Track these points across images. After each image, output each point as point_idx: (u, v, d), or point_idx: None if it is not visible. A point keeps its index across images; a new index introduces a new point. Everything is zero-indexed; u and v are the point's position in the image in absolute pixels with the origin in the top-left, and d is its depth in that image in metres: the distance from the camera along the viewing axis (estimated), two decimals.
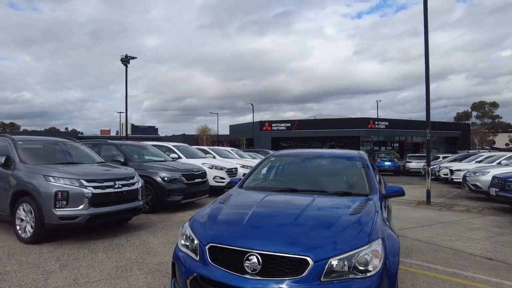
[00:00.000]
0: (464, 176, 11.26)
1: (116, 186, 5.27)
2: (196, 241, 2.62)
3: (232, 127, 57.00)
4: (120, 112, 54.67)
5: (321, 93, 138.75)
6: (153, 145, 9.80)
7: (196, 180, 7.97)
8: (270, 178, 4.17)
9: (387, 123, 46.41)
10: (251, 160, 14.68)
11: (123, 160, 7.58)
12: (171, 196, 7.34)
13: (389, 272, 2.34)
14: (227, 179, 10.39)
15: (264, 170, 4.33)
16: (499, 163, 13.24)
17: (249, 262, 2.29)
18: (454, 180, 14.26)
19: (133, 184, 5.66)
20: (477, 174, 10.55)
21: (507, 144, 66.09)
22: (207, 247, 2.49)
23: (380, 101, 42.78)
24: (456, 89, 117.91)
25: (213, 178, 9.90)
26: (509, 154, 14.89)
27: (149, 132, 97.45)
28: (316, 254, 2.24)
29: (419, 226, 6.44)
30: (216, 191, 10.15)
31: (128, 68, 19.43)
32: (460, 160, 17.78)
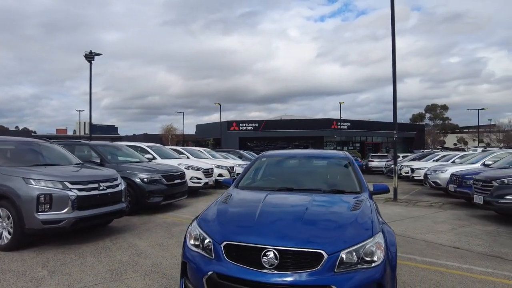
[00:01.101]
0: (426, 174, 12.16)
1: (101, 188, 5.13)
2: (208, 240, 2.69)
3: (198, 127, 56.32)
4: (79, 111, 51.94)
5: (286, 94, 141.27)
6: (127, 146, 9.53)
7: (175, 181, 7.90)
8: (264, 178, 4.30)
9: (349, 124, 48.38)
10: (225, 160, 14.72)
11: (99, 161, 7.33)
12: (151, 198, 7.22)
13: (390, 261, 2.58)
14: (204, 180, 10.40)
15: (257, 170, 4.46)
16: (453, 161, 14.42)
17: (266, 257, 2.41)
18: (415, 178, 15.29)
19: (117, 185, 5.53)
20: (437, 172, 11.45)
21: (455, 144, 71.65)
22: (222, 245, 2.58)
23: (343, 102, 44.48)
24: (411, 92, 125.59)
25: (190, 179, 9.84)
26: (461, 153, 16.27)
27: (109, 132, 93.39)
28: (329, 248, 2.42)
29: (392, 221, 6.92)
30: (193, 192, 10.12)
31: (88, 65, 18.53)
32: (419, 159, 19.05)
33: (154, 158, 9.89)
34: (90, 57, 18.54)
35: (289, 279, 2.33)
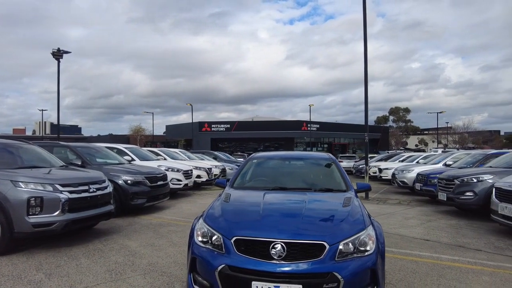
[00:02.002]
0: (394, 174, 12.99)
1: (91, 190, 5.13)
2: (217, 236, 2.90)
3: (168, 127, 55.40)
4: (42, 110, 49.25)
5: (256, 95, 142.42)
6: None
7: (158, 183, 7.93)
8: (257, 178, 4.55)
9: (318, 126, 49.81)
10: (203, 162, 14.79)
11: (80, 163, 7.22)
12: (134, 200, 7.22)
13: (380, 251, 2.93)
14: (184, 181, 10.45)
15: (249, 171, 4.70)
16: (417, 162, 15.48)
17: (275, 250, 2.67)
18: (383, 177, 16.22)
19: (106, 187, 5.54)
20: (404, 172, 12.28)
21: (416, 145, 75.90)
22: (232, 240, 2.80)
23: (313, 105, 45.76)
24: (376, 95, 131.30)
25: (170, 181, 9.84)
26: (424, 154, 17.46)
27: (72, 132, 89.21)
28: (330, 239, 2.73)
29: None
30: (172, 194, 10.14)
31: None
32: (385, 159, 20.17)
33: (132, 159, 9.81)
34: (58, 54, 17.80)
35: (296, 267, 2.60)
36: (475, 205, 7.16)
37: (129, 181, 7.19)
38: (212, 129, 46.84)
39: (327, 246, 2.68)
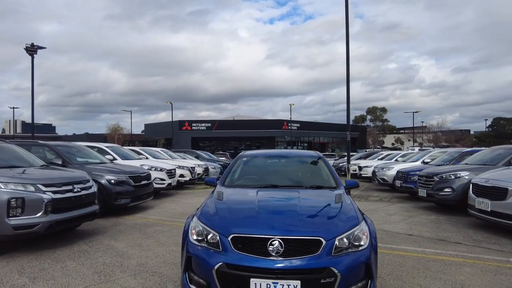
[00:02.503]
0: (374, 172, 13.32)
1: (75, 190, 4.97)
2: (212, 234, 2.88)
3: (147, 126, 54.40)
4: (13, 108, 47.08)
5: (236, 94, 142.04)
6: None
7: (142, 182, 7.78)
8: (248, 176, 4.55)
9: (298, 125, 50.41)
10: (186, 161, 14.63)
11: (61, 163, 6.97)
12: (118, 200, 7.05)
13: (373, 245, 3.01)
14: (167, 181, 10.31)
15: (239, 169, 4.69)
16: (396, 160, 15.94)
17: (272, 246, 2.68)
18: (363, 175, 16.60)
19: (90, 187, 5.39)
20: (384, 169, 12.63)
21: (393, 144, 78.13)
22: (229, 238, 2.79)
23: (293, 104, 46.23)
24: (353, 94, 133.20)
25: (153, 180, 9.68)
26: (402, 152, 18.02)
27: (45, 131, 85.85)
28: (326, 235, 2.77)
29: None
30: (155, 193, 9.96)
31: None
32: (365, 157, 20.65)
33: (114, 159, 9.57)
34: (32, 50, 17.05)
35: (294, 263, 2.63)
36: (453, 200, 7.47)
37: (112, 181, 7.01)
38: (193, 128, 46.41)
39: (324, 242, 2.73)
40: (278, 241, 2.70)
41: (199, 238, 2.96)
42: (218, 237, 2.85)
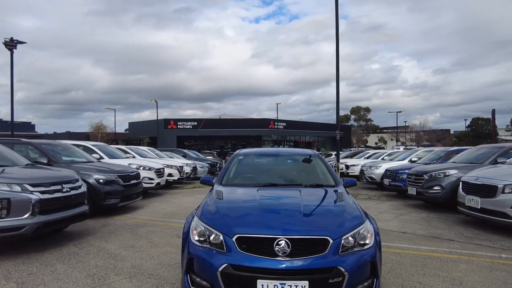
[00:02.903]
0: (362, 170, 13.47)
1: (64, 190, 4.76)
2: (215, 235, 2.79)
3: (131, 125, 53.39)
4: None
5: (221, 92, 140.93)
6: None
7: (132, 182, 7.57)
8: (245, 175, 4.46)
9: (284, 124, 50.58)
10: (174, 160, 14.41)
11: (46, 162, 6.69)
12: (107, 199, 6.83)
13: (378, 244, 2.99)
14: (156, 180, 10.10)
15: (237, 168, 4.61)
16: (383, 158, 16.17)
17: (279, 246, 2.62)
18: (350, 174, 16.76)
19: (80, 187, 5.18)
20: (372, 168, 12.78)
21: (376, 143, 79.54)
22: (234, 238, 2.71)
23: (280, 103, 46.34)
24: None
25: (142, 179, 9.46)
26: (389, 151, 18.32)
27: (24, 129, 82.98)
28: (333, 234, 2.73)
29: None
30: (144, 193, 9.74)
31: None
32: (351, 156, 20.90)
33: (101, 158, 9.29)
34: (11, 45, 16.36)
35: (302, 263, 2.57)
36: (442, 198, 7.61)
37: (101, 180, 6.78)
38: (179, 126, 45.87)
39: (331, 241, 2.68)
40: (285, 241, 2.64)
41: (201, 238, 2.87)
42: (221, 238, 2.76)
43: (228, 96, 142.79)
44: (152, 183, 9.82)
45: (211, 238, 2.81)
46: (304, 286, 2.51)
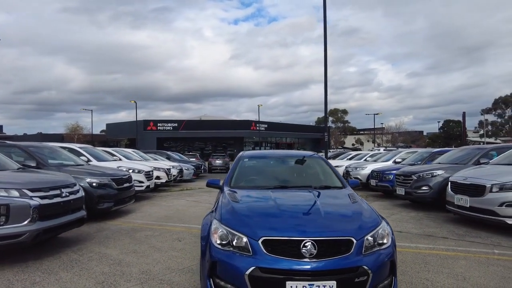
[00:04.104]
0: (347, 171, 13.76)
1: (63, 194, 4.59)
2: (240, 238, 2.79)
3: (109, 126, 51.86)
4: None
5: (200, 93, 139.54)
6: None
7: (124, 185, 7.39)
8: (253, 178, 4.47)
9: (266, 126, 50.80)
10: (160, 162, 14.17)
11: (35, 165, 6.41)
12: (100, 204, 6.63)
13: (394, 243, 3.10)
14: (146, 183, 9.90)
15: (243, 171, 4.60)
16: (365, 159, 16.59)
17: (306, 248, 2.66)
18: None
19: (78, 191, 5.02)
20: (357, 169, 13.08)
21: (353, 144, 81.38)
22: (260, 241, 2.72)
23: (261, 105, 46.41)
24: (315, 96, 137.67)
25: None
26: (371, 152, 18.81)
27: None
28: (356, 234, 2.80)
29: None
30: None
31: None
32: (334, 157, 21.27)
33: (89, 160, 9.00)
34: None
35: (329, 264, 2.62)
36: (430, 198, 7.92)
37: (94, 184, 6.58)
38: (158, 128, 45.03)
39: (355, 241, 2.75)
40: (311, 242, 2.68)
41: (223, 242, 2.86)
42: (246, 240, 2.77)
43: (207, 97, 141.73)
44: (142, 186, 9.61)
45: (235, 241, 2.80)
46: (332, 286, 2.57)
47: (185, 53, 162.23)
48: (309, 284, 2.56)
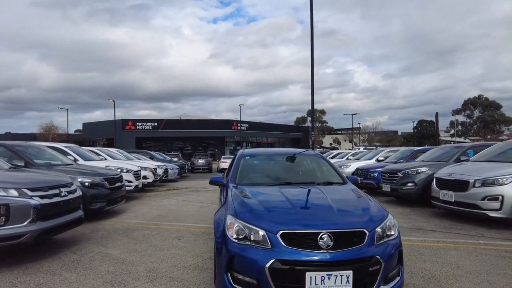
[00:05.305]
0: None
1: (63, 194, 4.50)
2: (258, 232, 2.87)
3: (86, 125, 50.24)
4: None
5: (178, 92, 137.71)
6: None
7: (116, 185, 7.27)
8: (257, 175, 4.55)
9: (247, 125, 50.90)
10: (147, 162, 13.96)
11: (23, 164, 6.20)
12: (93, 203, 6.50)
13: (399, 234, 3.28)
14: (135, 183, 9.76)
15: (246, 168, 4.67)
16: (347, 158, 17.04)
17: (322, 240, 2.78)
18: None
19: (75, 191, 4.92)
20: (342, 167, 13.42)
21: (331, 144, 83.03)
22: (278, 234, 2.82)
23: (243, 105, 46.40)
24: (293, 97, 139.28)
25: None
26: (353, 151, 19.33)
27: None
28: (368, 226, 2.95)
29: None
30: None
31: None
32: None
33: (75, 160, 8.76)
34: None
35: (346, 254, 2.76)
36: (415, 194, 8.29)
37: (86, 183, 6.44)
38: (137, 127, 44.12)
39: (367, 233, 2.90)
40: (327, 234, 2.81)
41: (240, 236, 2.93)
42: (264, 234, 2.85)
43: (185, 96, 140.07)
44: (131, 186, 9.46)
45: (252, 235, 2.88)
46: (349, 275, 2.70)
47: (163, 51, 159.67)
48: (327, 274, 2.68)
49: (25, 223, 3.92)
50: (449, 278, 3.71)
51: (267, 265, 2.70)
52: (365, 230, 2.90)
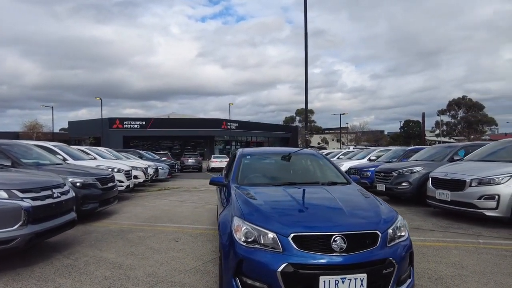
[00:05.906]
0: None
1: (55, 195, 4.28)
2: (267, 235, 2.76)
3: (72, 124, 49.06)
4: None
5: (166, 91, 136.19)
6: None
7: (109, 185, 7.03)
8: (259, 175, 4.44)
9: (237, 124, 50.70)
10: (138, 161, 13.67)
11: (10, 164, 5.91)
12: (85, 204, 6.25)
13: (409, 235, 3.22)
14: (126, 183, 9.50)
15: (247, 168, 4.55)
16: (338, 157, 17.10)
17: (335, 243, 2.69)
18: None
19: (68, 192, 4.70)
20: None
21: (319, 143, 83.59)
22: (290, 237, 2.71)
23: (232, 104, 46.22)
24: (282, 96, 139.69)
25: None
26: (344, 150, 19.41)
27: None
28: (380, 228, 2.88)
29: None
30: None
31: None
32: None
33: (65, 159, 8.45)
34: None
35: (360, 257, 2.67)
36: (410, 193, 8.32)
37: (78, 184, 6.19)
38: (125, 126, 43.34)
39: (380, 234, 2.83)
40: (340, 237, 2.72)
41: (249, 239, 2.81)
42: (274, 237, 2.74)
43: (173, 95, 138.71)
44: (122, 186, 9.19)
45: (262, 238, 2.77)
46: (363, 278, 2.61)
47: (151, 49, 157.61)
48: (341, 278, 2.59)
49: (16, 226, 3.69)
50: (456, 278, 3.68)
51: (280, 269, 2.60)
52: (378, 232, 2.83)
